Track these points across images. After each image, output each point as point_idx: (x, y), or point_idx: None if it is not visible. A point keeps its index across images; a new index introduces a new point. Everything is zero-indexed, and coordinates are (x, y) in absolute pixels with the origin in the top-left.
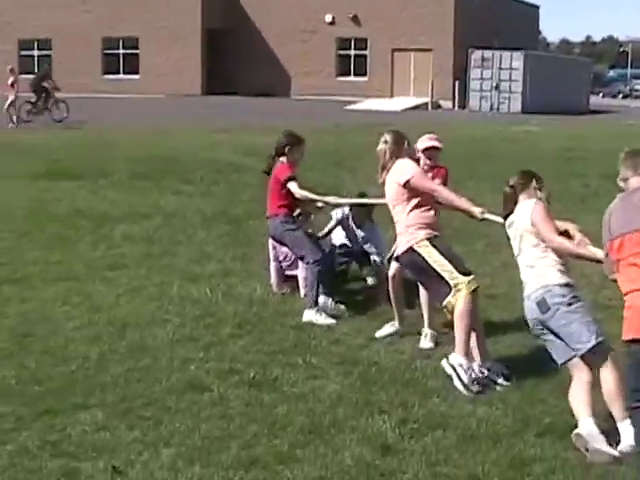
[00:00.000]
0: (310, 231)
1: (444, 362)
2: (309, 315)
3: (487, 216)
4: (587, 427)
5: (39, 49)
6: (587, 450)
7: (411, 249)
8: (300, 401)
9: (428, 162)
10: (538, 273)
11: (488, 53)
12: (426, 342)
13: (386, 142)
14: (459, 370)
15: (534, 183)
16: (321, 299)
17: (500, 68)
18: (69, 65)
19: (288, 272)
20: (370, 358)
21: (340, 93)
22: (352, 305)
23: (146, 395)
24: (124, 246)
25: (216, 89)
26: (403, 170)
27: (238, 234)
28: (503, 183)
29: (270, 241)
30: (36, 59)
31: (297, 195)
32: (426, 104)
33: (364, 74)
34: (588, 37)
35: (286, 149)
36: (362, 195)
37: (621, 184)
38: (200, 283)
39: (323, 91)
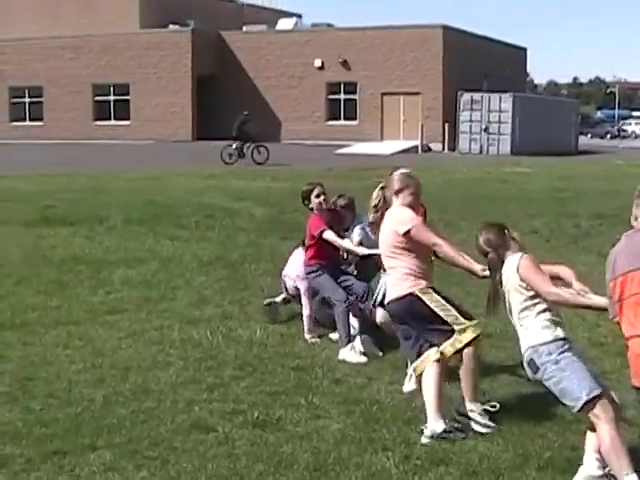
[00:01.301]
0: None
1: (423, 439)
2: (343, 354)
3: (488, 274)
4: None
5: (30, 96)
6: None
7: (411, 295)
8: (304, 440)
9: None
10: (525, 333)
11: (477, 95)
12: (410, 385)
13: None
14: (473, 416)
15: (508, 234)
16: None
17: (489, 110)
18: (60, 112)
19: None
20: (371, 397)
21: (330, 137)
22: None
23: (152, 436)
24: (123, 290)
25: (206, 135)
26: (402, 219)
27: (235, 278)
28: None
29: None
30: (27, 106)
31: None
32: (416, 147)
33: (354, 118)
34: (575, 78)
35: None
36: None
37: (634, 223)
38: (200, 326)
39: (313, 135)
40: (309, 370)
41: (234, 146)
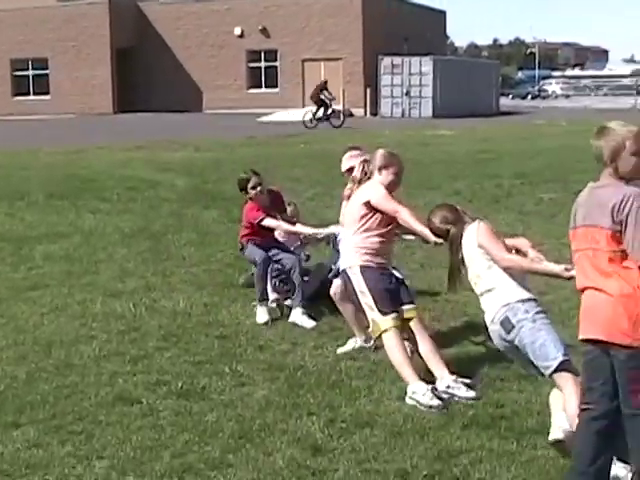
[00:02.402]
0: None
1: (406, 399)
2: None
3: (440, 241)
4: (562, 422)
5: None
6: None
7: (348, 268)
8: (229, 408)
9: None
10: (497, 293)
11: (397, 59)
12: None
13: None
14: (416, 397)
15: (460, 209)
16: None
17: (410, 74)
18: None
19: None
20: (295, 363)
21: (252, 105)
22: (274, 311)
23: (76, 410)
24: (45, 266)
25: (128, 107)
26: (369, 189)
27: (158, 249)
28: (418, 185)
29: None
30: None
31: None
32: (338, 112)
33: (275, 85)
34: (495, 40)
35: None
36: None
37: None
38: (123, 299)
39: (235, 104)
40: (233, 338)
41: (314, 110)
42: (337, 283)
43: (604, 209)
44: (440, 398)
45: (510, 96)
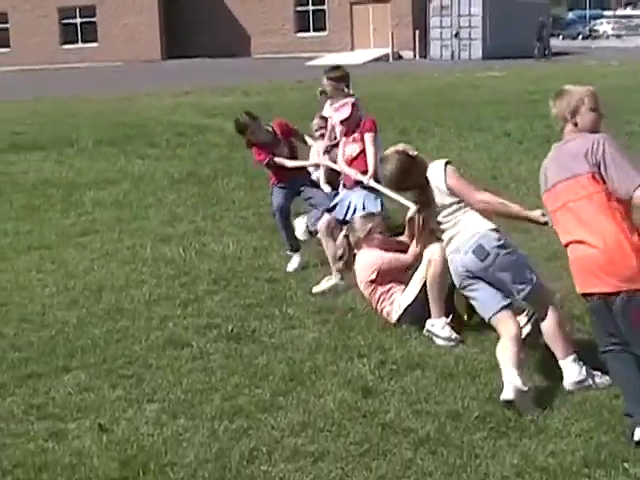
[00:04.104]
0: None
1: (425, 331)
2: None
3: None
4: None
5: None
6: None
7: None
8: (279, 350)
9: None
10: (464, 225)
11: (446, 1)
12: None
13: None
14: (433, 330)
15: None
16: None
17: (459, 15)
18: (26, 37)
19: None
20: (346, 305)
21: (300, 49)
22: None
23: (127, 354)
24: (95, 212)
25: (175, 53)
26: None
27: (207, 194)
28: (468, 127)
29: None
30: None
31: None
32: (387, 55)
33: (323, 29)
34: None
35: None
36: None
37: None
38: (173, 243)
39: (283, 48)
40: (282, 281)
41: (538, 45)
42: (326, 218)
43: (577, 158)
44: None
45: (561, 37)
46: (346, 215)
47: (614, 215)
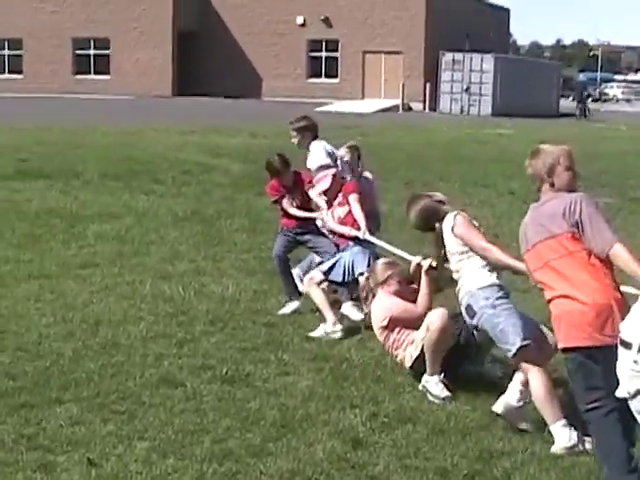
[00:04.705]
0: None
1: (420, 386)
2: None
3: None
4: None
5: (10, 49)
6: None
7: None
8: (272, 396)
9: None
10: (463, 281)
11: (459, 55)
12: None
13: None
14: (427, 386)
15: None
16: None
17: (471, 70)
18: (40, 65)
19: None
20: (341, 355)
21: (311, 95)
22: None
23: (120, 390)
24: (96, 245)
25: (187, 90)
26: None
27: (210, 234)
28: (473, 183)
29: None
30: (7, 58)
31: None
32: (397, 106)
33: (335, 76)
34: (558, 40)
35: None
36: None
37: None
38: (172, 281)
39: (294, 93)
40: (280, 326)
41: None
42: (312, 274)
43: (556, 218)
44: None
45: (571, 98)
46: (344, 277)
47: (597, 272)
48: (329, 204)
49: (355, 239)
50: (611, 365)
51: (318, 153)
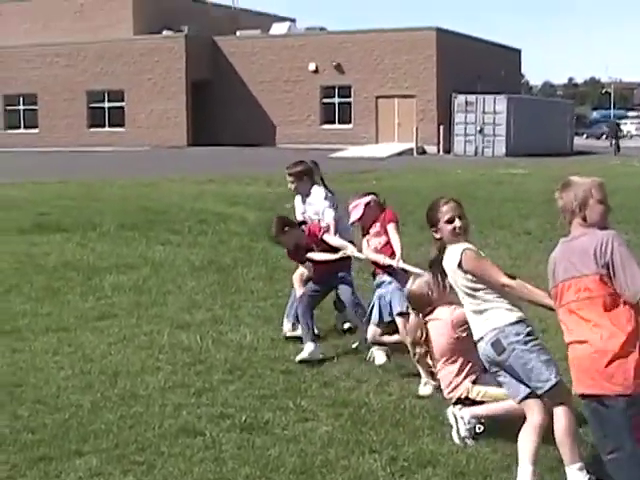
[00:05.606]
0: None
1: (449, 410)
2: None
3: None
4: (526, 475)
5: (24, 104)
6: None
7: None
8: (292, 443)
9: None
10: (487, 316)
11: (471, 97)
12: (425, 389)
13: None
14: (460, 423)
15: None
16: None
17: (484, 112)
18: (55, 119)
19: None
20: (360, 400)
21: (325, 141)
22: (342, 347)
23: (139, 441)
24: (114, 296)
25: (202, 140)
26: None
27: (227, 283)
28: (489, 223)
29: None
30: (22, 113)
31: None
32: (411, 149)
33: (349, 121)
34: (570, 79)
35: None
36: None
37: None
38: (190, 331)
39: (309, 139)
40: (298, 373)
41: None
42: (371, 329)
43: (585, 257)
44: (473, 437)
45: (584, 136)
46: (388, 315)
47: (619, 318)
48: (368, 230)
49: (389, 267)
50: (624, 413)
51: (320, 196)
